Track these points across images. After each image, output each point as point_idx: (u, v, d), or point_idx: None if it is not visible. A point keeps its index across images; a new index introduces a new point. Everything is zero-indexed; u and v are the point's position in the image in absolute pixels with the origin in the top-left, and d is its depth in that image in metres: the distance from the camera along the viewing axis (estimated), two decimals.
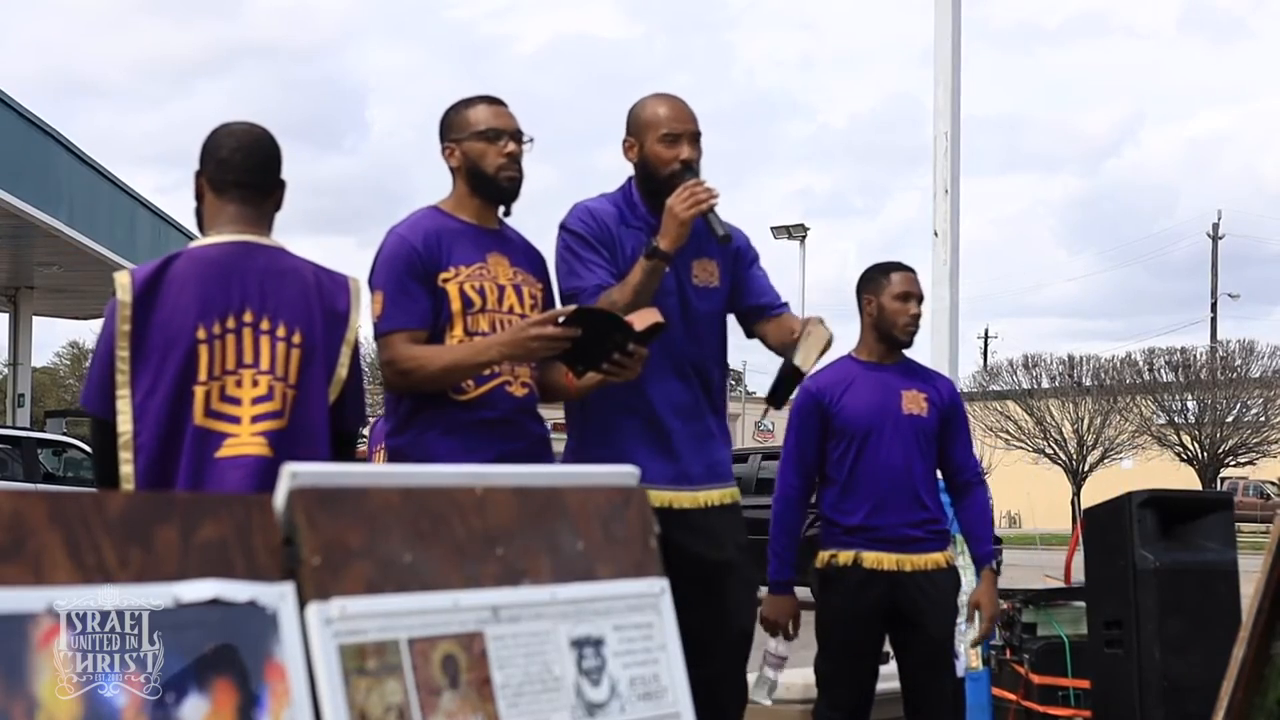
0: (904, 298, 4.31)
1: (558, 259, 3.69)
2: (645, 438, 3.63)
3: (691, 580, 3.51)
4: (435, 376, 3.32)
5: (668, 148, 3.62)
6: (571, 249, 3.65)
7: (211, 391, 2.94)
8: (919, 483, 4.32)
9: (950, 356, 6.59)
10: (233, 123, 3.14)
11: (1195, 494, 6.68)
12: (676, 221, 3.50)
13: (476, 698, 1.69)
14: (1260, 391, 39.66)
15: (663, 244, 3.50)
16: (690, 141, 3.63)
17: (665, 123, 3.63)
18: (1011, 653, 5.55)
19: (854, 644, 4.28)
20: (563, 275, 3.66)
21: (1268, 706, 3.14)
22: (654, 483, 3.56)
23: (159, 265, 3.00)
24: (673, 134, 3.62)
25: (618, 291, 3.53)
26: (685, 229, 3.51)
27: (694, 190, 3.52)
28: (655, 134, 3.63)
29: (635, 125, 3.69)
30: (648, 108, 3.68)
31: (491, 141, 3.42)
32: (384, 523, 1.69)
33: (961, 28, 6.79)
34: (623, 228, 3.68)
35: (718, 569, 3.66)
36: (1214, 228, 53.02)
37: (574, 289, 3.60)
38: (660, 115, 3.64)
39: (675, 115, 3.65)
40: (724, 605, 3.65)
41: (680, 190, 3.52)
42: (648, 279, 3.52)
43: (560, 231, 3.70)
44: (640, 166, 3.69)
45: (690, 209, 3.50)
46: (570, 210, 3.72)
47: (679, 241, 3.52)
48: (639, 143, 3.67)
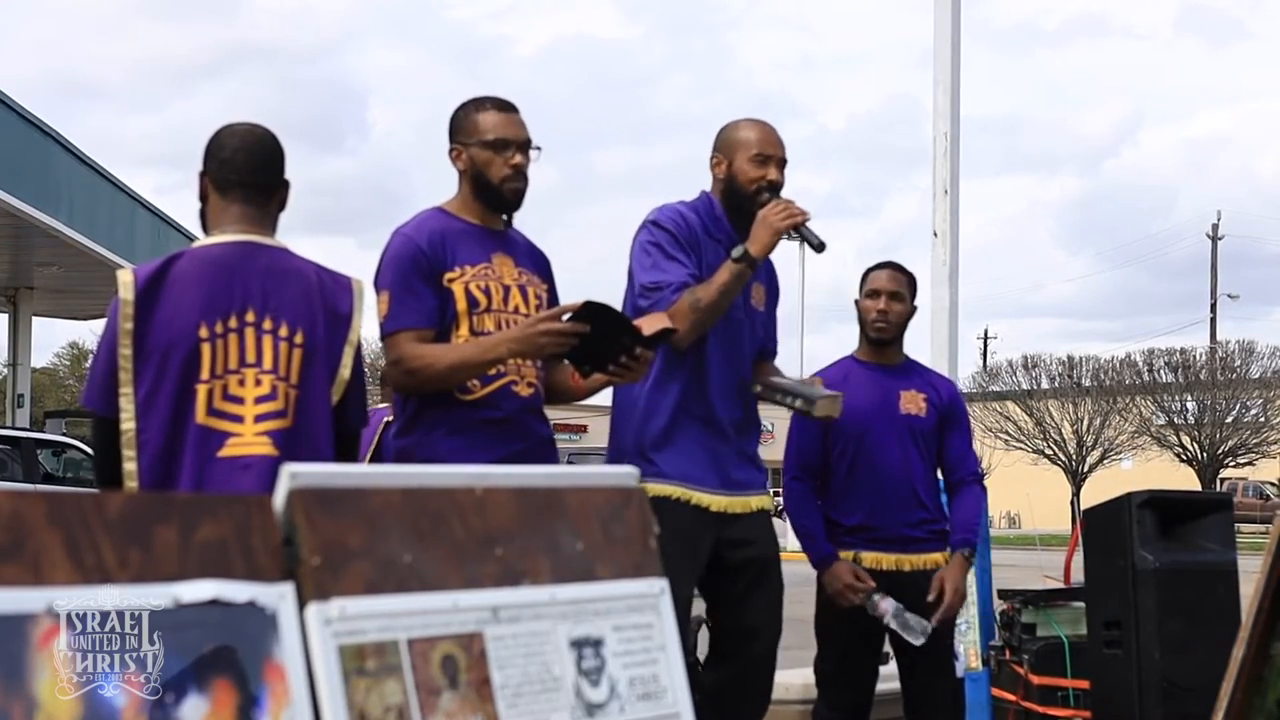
0: (872, 295, 4.37)
1: (639, 251, 3.77)
2: (707, 445, 3.77)
3: (733, 581, 3.82)
4: (443, 375, 3.33)
5: (756, 167, 3.79)
6: (659, 244, 3.73)
7: (214, 390, 2.94)
8: (918, 483, 4.32)
9: (950, 357, 6.59)
10: (235, 123, 3.14)
11: (1195, 494, 6.66)
12: (770, 230, 3.66)
13: (476, 698, 1.69)
14: (1260, 392, 39.66)
15: (753, 249, 3.65)
16: (778, 166, 3.81)
17: (757, 144, 3.81)
18: (1011, 653, 5.55)
19: (854, 644, 4.28)
20: (645, 267, 3.73)
21: (1267, 707, 3.14)
22: (709, 487, 3.77)
23: (162, 264, 3.00)
24: (764, 155, 3.80)
25: (703, 289, 3.64)
26: (776, 239, 3.68)
27: (789, 205, 3.69)
28: (746, 153, 3.80)
29: (726, 143, 3.86)
30: (741, 128, 3.86)
31: (498, 152, 3.43)
32: (384, 523, 1.69)
33: (961, 27, 6.79)
34: (706, 238, 3.79)
35: (768, 564, 3.86)
36: (1213, 228, 53.05)
37: (659, 282, 3.67)
38: (753, 137, 3.83)
39: (767, 139, 3.83)
40: (772, 595, 3.86)
41: (775, 203, 3.70)
42: (734, 281, 3.65)
43: (648, 226, 3.78)
44: (727, 182, 3.83)
45: (786, 220, 3.66)
46: (659, 208, 3.82)
47: (767, 250, 3.69)
48: (728, 159, 3.83)
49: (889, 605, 4.14)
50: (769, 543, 3.91)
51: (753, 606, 3.83)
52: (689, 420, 3.74)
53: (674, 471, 3.70)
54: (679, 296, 3.61)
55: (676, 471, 3.71)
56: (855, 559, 4.25)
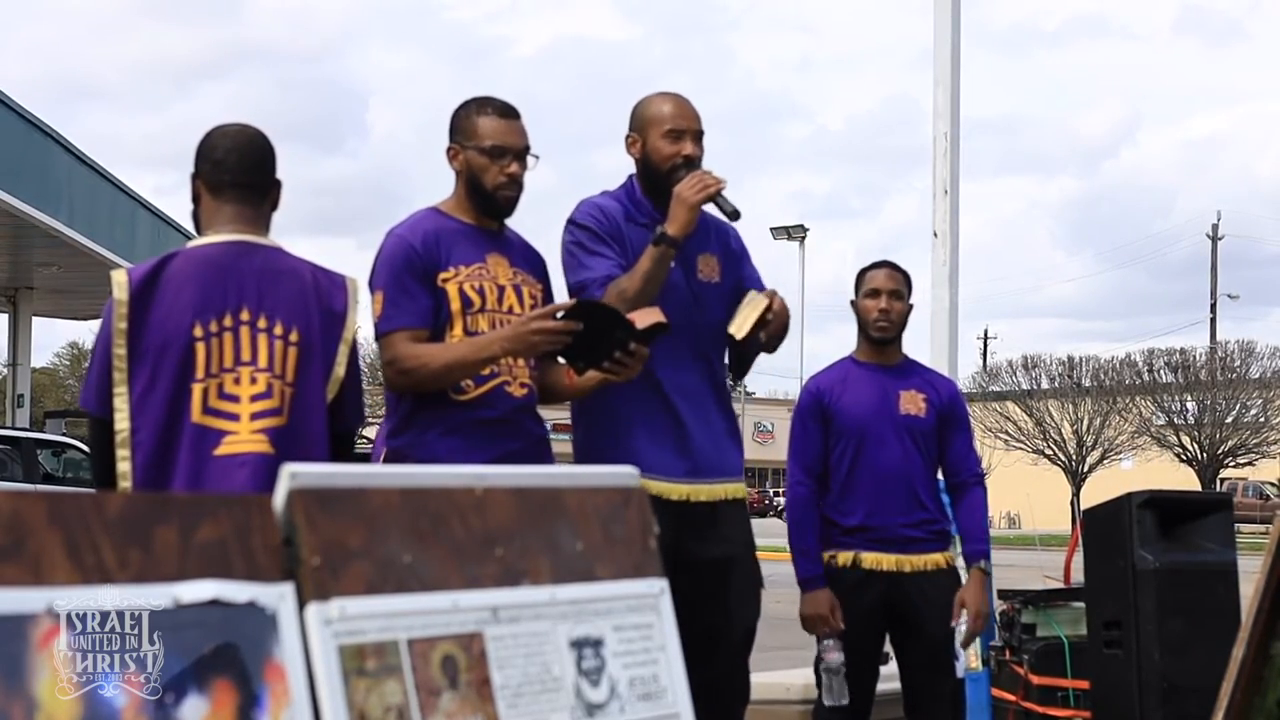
0: (873, 294, 4.36)
1: (564, 253, 3.71)
2: (660, 428, 3.66)
3: (698, 580, 3.59)
4: (437, 374, 3.32)
5: (671, 143, 3.67)
6: (580, 242, 3.68)
7: (209, 389, 2.94)
8: (917, 483, 4.32)
9: (950, 357, 6.59)
10: (226, 124, 3.14)
11: (1195, 495, 6.67)
12: (685, 206, 3.54)
13: (476, 698, 1.69)
14: (1259, 392, 39.66)
15: (670, 229, 3.54)
16: (693, 139, 3.68)
17: (669, 119, 3.68)
18: (1011, 653, 5.54)
19: (853, 644, 4.28)
20: (571, 268, 3.68)
21: (1267, 707, 3.14)
22: (669, 475, 3.62)
23: (156, 264, 3.00)
24: (677, 130, 3.67)
25: (626, 279, 3.56)
26: (693, 214, 3.56)
27: (702, 177, 3.58)
28: (659, 130, 3.68)
29: (639, 121, 3.74)
30: (652, 104, 3.73)
31: (494, 159, 3.41)
32: (383, 523, 1.69)
33: (961, 27, 6.79)
34: (629, 224, 3.71)
35: (722, 566, 3.70)
36: (1213, 228, 53.07)
37: (582, 281, 3.62)
38: (665, 112, 3.70)
39: (679, 112, 3.70)
40: (728, 602, 3.71)
41: (689, 178, 3.58)
42: (656, 266, 3.55)
43: (568, 226, 3.72)
44: (642, 162, 3.73)
45: (699, 193, 3.55)
46: (577, 206, 3.75)
47: (687, 228, 3.56)
48: (642, 138, 3.72)
49: (835, 659, 4.16)
50: (738, 537, 3.77)
51: (717, 604, 3.67)
52: (637, 405, 3.63)
53: (628, 459, 3.58)
54: (604, 291, 3.54)
55: (631, 458, 3.59)
56: (856, 559, 4.25)
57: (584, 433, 3.75)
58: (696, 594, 3.62)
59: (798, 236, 34.54)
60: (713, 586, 3.67)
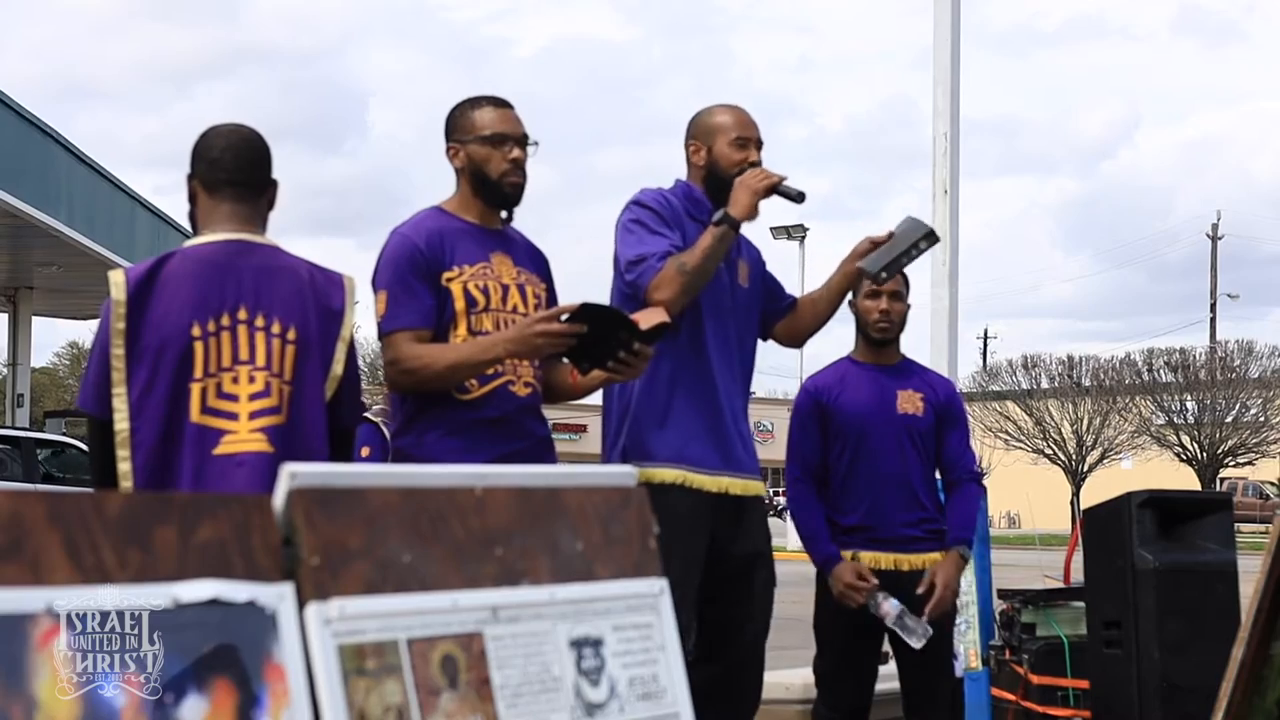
0: (873, 295, 4.36)
1: (622, 231, 3.77)
2: (705, 422, 3.74)
3: (727, 573, 3.74)
4: (441, 375, 3.32)
5: (738, 150, 3.80)
6: (641, 221, 3.74)
7: (208, 388, 2.94)
8: (916, 482, 4.32)
9: (949, 357, 6.59)
10: (221, 124, 3.14)
11: (1195, 494, 6.66)
12: (749, 192, 3.67)
13: (475, 698, 1.69)
14: (1259, 392, 39.64)
15: (733, 210, 3.65)
16: (757, 147, 3.83)
17: (735, 128, 3.83)
18: (1011, 653, 5.54)
19: (853, 644, 4.28)
20: (629, 244, 3.72)
21: (1267, 707, 3.14)
22: (710, 467, 3.73)
23: (153, 264, 3.00)
24: (743, 138, 3.82)
25: (687, 255, 3.63)
26: (755, 200, 3.67)
27: (764, 170, 3.72)
28: (726, 138, 3.81)
29: (702, 129, 3.87)
30: (716, 114, 3.88)
31: (496, 147, 3.42)
32: (383, 523, 1.69)
33: (961, 28, 6.79)
34: (688, 219, 3.79)
35: (750, 562, 3.81)
36: (1213, 228, 53.04)
37: (642, 254, 3.67)
38: (730, 121, 3.85)
39: (744, 122, 3.86)
40: (751, 596, 3.81)
41: (751, 170, 3.72)
42: (717, 244, 3.64)
43: (630, 206, 3.79)
44: (708, 168, 3.84)
45: (763, 182, 3.68)
46: (640, 190, 3.82)
47: (748, 212, 3.66)
48: (707, 146, 3.84)
49: (892, 606, 4.12)
50: (761, 534, 3.87)
51: (739, 600, 3.78)
52: (687, 396, 3.71)
53: (669, 453, 3.66)
54: (664, 264, 3.60)
55: (672, 452, 3.67)
56: (854, 559, 4.25)
57: (625, 424, 3.75)
58: (726, 586, 3.71)
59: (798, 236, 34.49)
60: (741, 580, 3.77)
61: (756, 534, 3.84)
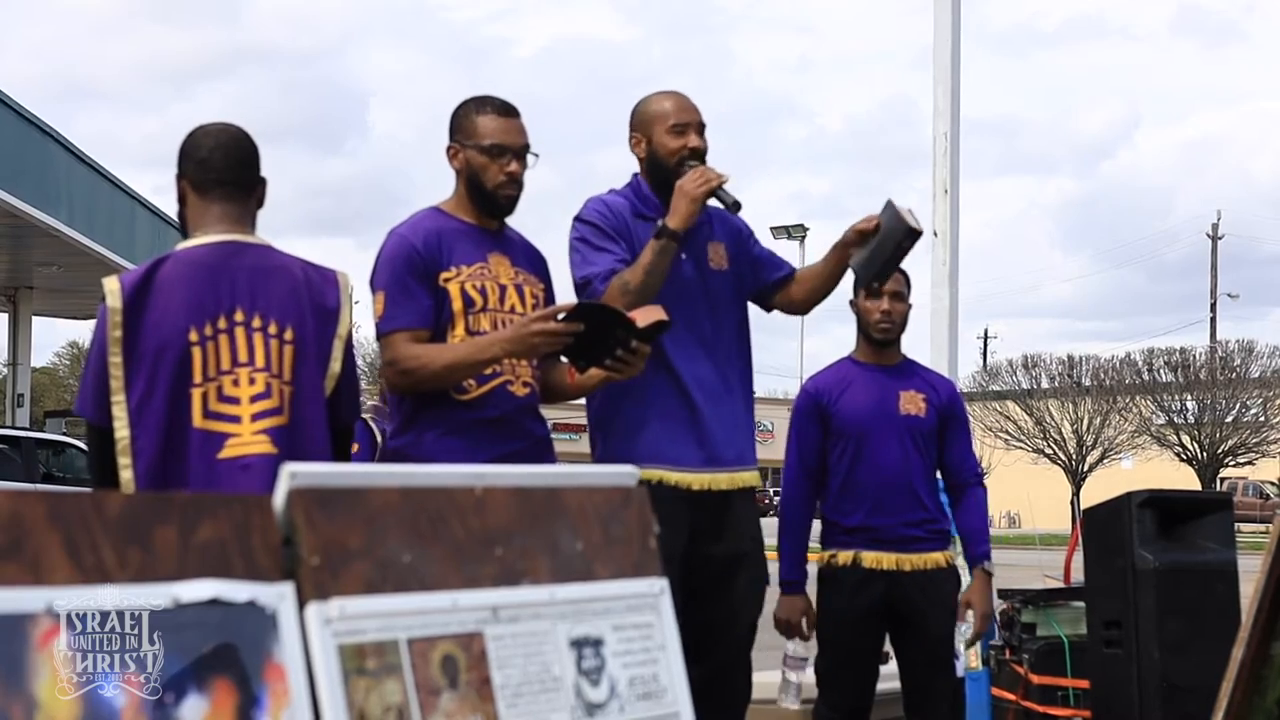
0: (874, 295, 4.36)
1: (571, 250, 3.75)
2: (676, 419, 3.70)
3: (708, 574, 3.69)
4: (438, 375, 3.32)
5: (675, 138, 3.73)
6: (585, 239, 3.71)
7: (208, 393, 2.93)
8: (917, 483, 4.32)
9: (950, 357, 6.59)
10: (208, 124, 3.13)
11: (1195, 494, 6.66)
12: (687, 199, 3.59)
13: (476, 698, 1.69)
14: (1259, 392, 39.63)
15: (672, 222, 3.59)
16: (697, 131, 3.74)
17: (672, 114, 3.75)
18: (1011, 653, 5.54)
19: (853, 644, 4.28)
20: (576, 264, 3.71)
21: (1267, 707, 3.14)
22: (688, 465, 3.68)
23: (147, 269, 2.99)
24: (680, 124, 3.74)
25: (629, 272, 3.59)
26: (695, 207, 3.61)
27: (704, 171, 3.63)
28: (663, 126, 3.74)
29: (641, 120, 3.79)
30: (653, 103, 3.79)
31: (494, 158, 3.41)
32: (383, 523, 1.69)
33: (961, 28, 6.79)
34: (637, 220, 3.75)
35: (733, 562, 3.76)
36: (1213, 228, 53.06)
37: (586, 276, 3.65)
38: (666, 108, 3.76)
39: (681, 106, 3.77)
40: (733, 598, 3.75)
41: (691, 173, 3.64)
42: (658, 259, 3.58)
43: (574, 223, 3.76)
44: (649, 159, 3.78)
45: (702, 186, 3.60)
46: (584, 203, 3.79)
47: (688, 220, 3.60)
48: (646, 136, 3.77)
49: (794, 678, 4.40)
50: (748, 531, 3.81)
51: (722, 600, 3.73)
52: (655, 394, 3.67)
53: (646, 454, 3.60)
54: (607, 285, 3.58)
55: (649, 453, 3.62)
56: (856, 559, 4.25)
57: (603, 437, 3.77)
58: (706, 588, 3.67)
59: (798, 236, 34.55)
60: (722, 581, 3.72)
61: (743, 531, 3.79)
